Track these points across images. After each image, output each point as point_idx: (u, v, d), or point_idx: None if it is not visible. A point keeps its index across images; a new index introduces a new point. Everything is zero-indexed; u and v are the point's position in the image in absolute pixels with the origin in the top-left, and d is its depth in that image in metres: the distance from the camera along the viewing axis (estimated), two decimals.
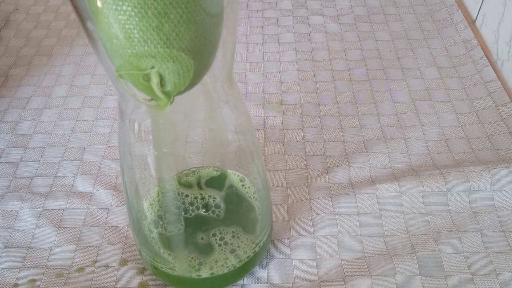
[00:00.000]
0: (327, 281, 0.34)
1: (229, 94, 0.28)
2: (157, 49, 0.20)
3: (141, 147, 0.30)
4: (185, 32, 0.20)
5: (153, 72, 0.20)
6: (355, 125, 0.45)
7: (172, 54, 0.20)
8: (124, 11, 0.19)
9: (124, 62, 0.20)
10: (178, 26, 0.20)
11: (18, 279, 0.35)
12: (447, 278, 0.34)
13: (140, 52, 0.20)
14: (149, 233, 0.31)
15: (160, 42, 0.20)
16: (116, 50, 0.20)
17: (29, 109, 0.48)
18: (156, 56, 0.20)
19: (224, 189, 0.33)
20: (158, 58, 0.20)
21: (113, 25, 0.19)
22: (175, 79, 0.21)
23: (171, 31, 0.20)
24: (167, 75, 0.21)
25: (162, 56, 0.20)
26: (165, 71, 0.21)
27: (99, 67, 0.52)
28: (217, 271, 0.31)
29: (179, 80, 0.21)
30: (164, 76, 0.21)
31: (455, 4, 0.57)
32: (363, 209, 0.38)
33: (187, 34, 0.20)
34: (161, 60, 0.20)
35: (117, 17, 0.19)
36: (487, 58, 0.50)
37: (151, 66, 0.20)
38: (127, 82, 0.22)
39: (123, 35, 0.20)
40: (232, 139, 0.32)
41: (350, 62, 0.52)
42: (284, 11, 0.59)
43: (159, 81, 0.21)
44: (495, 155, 0.42)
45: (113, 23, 0.19)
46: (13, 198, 0.40)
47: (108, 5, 0.19)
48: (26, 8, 0.61)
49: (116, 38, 0.20)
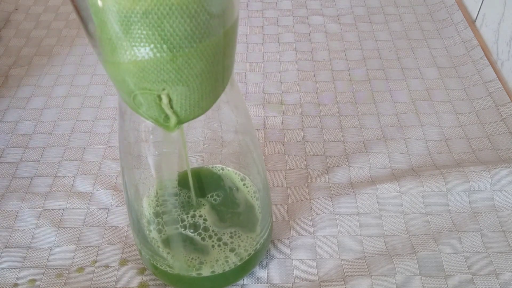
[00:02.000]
0: (327, 281, 0.34)
1: (229, 94, 0.28)
2: (169, 75, 0.21)
3: (141, 147, 0.30)
4: (197, 62, 0.21)
5: (164, 94, 0.22)
6: (355, 125, 0.45)
7: (182, 79, 0.21)
8: (139, 46, 0.20)
9: (138, 87, 0.22)
10: (191, 58, 0.21)
11: (18, 279, 0.35)
12: (447, 278, 0.34)
13: (153, 78, 0.21)
14: (149, 233, 0.31)
15: (172, 71, 0.21)
16: (127, 78, 0.21)
17: (29, 109, 0.48)
18: (168, 81, 0.21)
19: (225, 189, 0.33)
20: (169, 82, 0.21)
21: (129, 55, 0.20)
22: (182, 100, 0.22)
23: (183, 62, 0.21)
24: (175, 97, 0.22)
25: (172, 81, 0.21)
26: (174, 93, 0.22)
27: (99, 67, 0.52)
28: (217, 269, 0.31)
29: (185, 101, 0.22)
30: (172, 98, 0.22)
31: (455, 4, 0.57)
32: (363, 209, 0.38)
33: (198, 64, 0.21)
34: (172, 84, 0.21)
35: (135, 49, 0.20)
36: (487, 58, 0.50)
37: (163, 89, 0.21)
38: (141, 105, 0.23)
39: (137, 67, 0.21)
40: (232, 139, 0.32)
41: (350, 62, 0.52)
42: (284, 11, 0.59)
43: (168, 102, 0.22)
44: (495, 155, 0.42)
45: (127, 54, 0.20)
46: (13, 198, 0.40)
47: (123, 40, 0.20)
48: (26, 8, 0.61)
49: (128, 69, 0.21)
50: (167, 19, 0.19)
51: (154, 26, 0.19)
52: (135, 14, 0.19)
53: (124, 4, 0.19)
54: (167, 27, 0.19)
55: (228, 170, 0.34)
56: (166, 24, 0.19)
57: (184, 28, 0.19)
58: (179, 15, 0.19)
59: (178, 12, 0.19)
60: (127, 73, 0.21)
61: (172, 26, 0.19)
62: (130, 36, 0.19)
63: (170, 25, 0.19)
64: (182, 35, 0.20)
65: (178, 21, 0.19)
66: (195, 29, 0.20)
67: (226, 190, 0.33)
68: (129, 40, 0.20)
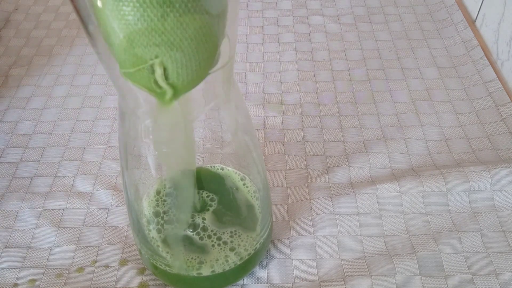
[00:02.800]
0: (327, 281, 0.34)
1: (229, 94, 0.28)
2: (161, 38, 0.20)
3: (141, 147, 0.30)
4: (190, 22, 0.20)
5: (157, 62, 0.20)
6: (355, 125, 0.45)
7: (176, 43, 0.20)
8: (128, 1, 0.19)
9: (129, 55, 0.20)
10: (183, 16, 0.19)
11: (18, 279, 0.35)
12: (447, 278, 0.34)
13: (144, 41, 0.20)
14: (149, 233, 0.31)
15: (164, 32, 0.20)
16: (120, 44, 0.20)
17: (29, 109, 0.48)
18: (160, 45, 0.20)
19: (225, 188, 0.33)
20: (162, 47, 0.20)
21: (117, 16, 0.19)
22: (178, 69, 0.21)
23: (175, 21, 0.19)
24: (170, 64, 0.21)
25: (166, 45, 0.20)
26: (168, 60, 0.20)
27: (99, 67, 0.52)
28: (217, 269, 0.31)
29: (182, 70, 0.21)
30: (167, 67, 0.21)
31: (455, 4, 0.57)
32: (363, 209, 0.38)
33: (192, 24, 0.20)
34: (165, 49, 0.20)
35: (121, 7, 0.19)
36: (487, 58, 0.50)
37: (155, 56, 0.20)
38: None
39: (127, 27, 0.19)
40: (232, 139, 0.32)
41: (350, 62, 0.52)
42: (284, 11, 0.59)
43: (163, 72, 0.21)
44: (495, 155, 0.42)
45: (117, 15, 0.19)
46: (13, 198, 0.40)
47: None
48: (26, 8, 0.61)
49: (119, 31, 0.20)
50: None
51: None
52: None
53: None
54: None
55: (228, 170, 0.34)
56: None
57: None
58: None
59: None
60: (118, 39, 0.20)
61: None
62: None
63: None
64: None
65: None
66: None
67: (226, 189, 0.33)
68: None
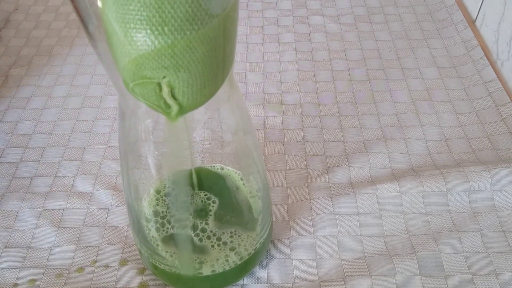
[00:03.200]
0: (327, 281, 0.34)
1: (229, 94, 0.28)
2: (170, 61, 0.20)
3: (141, 147, 0.30)
4: (199, 46, 0.20)
5: (164, 81, 0.21)
6: (355, 125, 0.45)
7: (184, 65, 0.20)
8: (139, 28, 0.19)
9: (137, 76, 0.21)
10: (193, 42, 0.20)
11: (18, 279, 0.35)
12: (447, 278, 0.34)
13: (153, 65, 0.20)
14: (149, 232, 0.31)
15: (173, 56, 0.20)
16: (128, 67, 0.21)
17: (29, 109, 0.48)
18: (169, 68, 0.20)
19: (225, 188, 0.33)
20: (170, 69, 0.20)
21: (128, 41, 0.19)
22: (185, 88, 0.21)
23: (185, 46, 0.20)
24: (177, 84, 0.21)
25: (174, 67, 0.20)
26: (175, 80, 0.21)
27: (99, 67, 0.52)
28: (217, 268, 0.31)
29: (188, 89, 0.22)
30: (174, 86, 0.21)
31: (455, 4, 0.57)
32: (363, 209, 0.38)
33: (200, 48, 0.20)
34: (173, 71, 0.20)
35: (133, 33, 0.19)
36: (487, 58, 0.50)
37: (163, 76, 0.21)
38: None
39: (137, 52, 0.20)
40: (232, 139, 0.32)
41: (350, 62, 0.52)
42: (284, 11, 0.59)
43: (169, 91, 0.21)
44: (495, 155, 0.42)
45: (128, 40, 0.19)
46: (13, 198, 0.40)
47: (122, 23, 0.19)
48: (26, 8, 0.61)
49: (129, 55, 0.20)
50: (168, 0, 0.18)
51: (155, 7, 0.18)
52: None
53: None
54: (168, 8, 0.19)
55: (228, 170, 0.34)
56: (167, 5, 0.18)
57: (186, 10, 0.19)
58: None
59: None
60: (127, 60, 0.20)
61: (173, 7, 0.19)
62: (130, 18, 0.19)
63: (171, 6, 0.19)
64: (183, 17, 0.19)
65: (179, 2, 0.19)
66: (196, 10, 0.19)
67: (226, 189, 0.33)
68: (129, 23, 0.19)
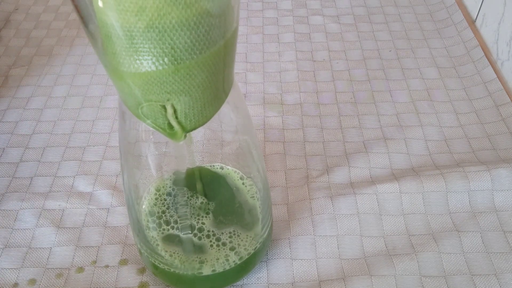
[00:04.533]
0: (327, 281, 0.34)
1: (229, 94, 0.28)
2: (172, 87, 0.21)
3: (141, 147, 0.30)
4: (198, 73, 0.21)
5: (168, 104, 0.22)
6: (355, 125, 0.45)
7: (185, 90, 0.22)
8: (142, 59, 0.20)
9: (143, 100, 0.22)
10: (192, 70, 0.21)
11: (18, 279, 0.35)
12: (447, 278, 0.34)
13: (157, 90, 0.21)
14: (149, 232, 0.31)
15: (174, 82, 0.21)
16: (134, 92, 0.22)
17: (29, 109, 0.48)
18: (171, 92, 0.22)
19: (224, 188, 0.33)
20: (172, 94, 0.22)
21: (134, 67, 0.21)
22: (186, 110, 0.23)
23: (185, 74, 0.21)
24: (179, 107, 0.22)
25: (176, 92, 0.22)
26: (178, 103, 0.22)
27: (99, 67, 0.52)
28: (218, 268, 0.31)
29: (189, 111, 0.23)
30: (176, 108, 0.22)
31: (455, 4, 0.57)
32: (363, 209, 0.38)
33: (200, 75, 0.22)
34: (175, 95, 0.22)
35: (139, 61, 0.20)
36: (487, 58, 0.50)
37: (167, 99, 0.22)
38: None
39: (141, 80, 0.21)
40: (232, 139, 0.32)
41: (350, 62, 0.52)
42: (284, 11, 0.59)
43: (173, 112, 0.23)
44: (495, 155, 0.42)
45: (133, 67, 0.21)
46: (13, 198, 0.40)
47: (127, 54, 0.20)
48: (26, 8, 0.61)
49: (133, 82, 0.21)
50: (167, 33, 0.19)
51: (156, 40, 0.20)
52: (137, 29, 0.19)
53: (127, 19, 0.19)
54: (168, 40, 0.20)
55: (228, 169, 0.34)
56: (167, 38, 0.20)
57: (185, 41, 0.20)
58: (179, 29, 0.19)
59: (178, 26, 0.19)
60: (133, 86, 0.22)
61: (173, 39, 0.20)
62: (133, 50, 0.20)
63: (171, 39, 0.20)
64: (182, 48, 0.20)
65: (178, 34, 0.20)
66: (195, 41, 0.20)
67: (226, 189, 0.33)
68: (133, 54, 0.20)
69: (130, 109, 0.24)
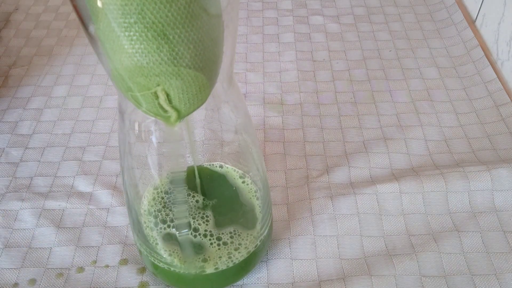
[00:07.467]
0: (327, 281, 0.34)
1: (229, 94, 0.28)
2: (160, 68, 0.21)
3: (141, 147, 0.30)
4: (185, 51, 0.21)
5: (159, 90, 0.22)
6: (355, 125, 0.45)
7: (174, 72, 0.21)
8: (126, 36, 0.20)
9: (133, 83, 0.22)
10: (178, 46, 0.21)
11: (18, 279, 0.35)
12: (447, 278, 0.34)
13: (145, 72, 0.21)
14: (149, 232, 0.31)
15: (161, 62, 0.21)
16: (122, 73, 0.21)
17: (29, 109, 0.48)
18: (160, 74, 0.21)
19: (224, 187, 0.33)
20: (161, 76, 0.21)
21: (119, 50, 0.20)
22: (180, 95, 0.22)
23: (171, 51, 0.21)
24: (172, 91, 0.22)
25: (165, 74, 0.21)
26: (169, 88, 0.22)
27: (99, 67, 0.52)
28: (221, 266, 0.31)
29: (183, 95, 0.22)
30: (169, 93, 0.22)
31: (455, 4, 0.57)
32: (363, 209, 0.38)
33: (187, 52, 0.21)
34: (165, 78, 0.21)
35: (123, 42, 0.20)
36: (487, 58, 0.50)
37: (157, 84, 0.22)
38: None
39: (127, 58, 0.21)
40: (232, 139, 0.32)
41: (350, 62, 0.52)
42: (284, 11, 0.59)
43: (166, 98, 0.22)
44: (495, 155, 0.42)
45: (118, 47, 0.20)
46: (13, 198, 0.40)
47: (113, 30, 0.20)
48: (26, 8, 0.61)
49: (120, 62, 0.21)
50: (146, 6, 0.19)
51: (135, 13, 0.19)
52: (115, 2, 0.19)
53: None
54: (148, 14, 0.19)
55: (227, 168, 0.34)
56: (147, 11, 0.19)
57: (165, 14, 0.20)
58: (158, 1, 0.19)
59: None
60: (121, 68, 0.21)
61: (153, 12, 0.19)
62: (117, 26, 0.20)
63: (151, 12, 0.19)
64: (164, 21, 0.20)
65: (158, 7, 0.19)
66: (176, 14, 0.20)
67: (226, 188, 0.33)
68: (117, 30, 0.20)
69: (125, 95, 0.23)
